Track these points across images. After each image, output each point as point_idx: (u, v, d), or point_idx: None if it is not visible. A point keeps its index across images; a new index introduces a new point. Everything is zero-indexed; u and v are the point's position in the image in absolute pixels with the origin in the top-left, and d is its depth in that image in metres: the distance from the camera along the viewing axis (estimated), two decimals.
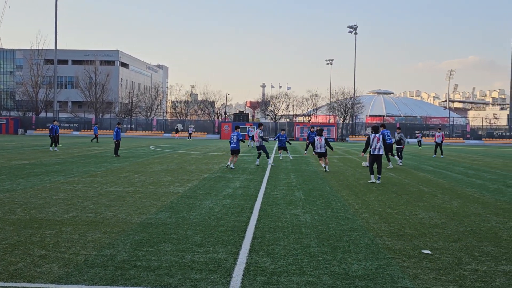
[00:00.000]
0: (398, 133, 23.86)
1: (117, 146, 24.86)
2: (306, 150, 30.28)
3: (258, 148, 21.32)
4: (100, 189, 12.32)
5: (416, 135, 50.13)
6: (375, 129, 15.60)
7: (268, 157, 21.82)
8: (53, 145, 29.03)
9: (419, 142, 46.89)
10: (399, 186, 14.38)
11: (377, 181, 15.13)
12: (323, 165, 19.18)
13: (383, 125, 19.97)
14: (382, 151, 15.51)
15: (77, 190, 12.04)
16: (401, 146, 23.40)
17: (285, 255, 6.44)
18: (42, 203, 10.07)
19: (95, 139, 43.83)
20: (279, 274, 5.67)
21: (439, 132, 30.76)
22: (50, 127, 29.69)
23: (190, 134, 62.56)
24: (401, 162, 22.68)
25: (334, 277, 5.59)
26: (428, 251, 6.80)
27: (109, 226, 7.95)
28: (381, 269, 5.95)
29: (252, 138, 37.67)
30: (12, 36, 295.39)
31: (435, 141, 30.79)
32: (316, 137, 19.30)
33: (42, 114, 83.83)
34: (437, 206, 10.78)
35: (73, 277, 5.39)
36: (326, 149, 19.10)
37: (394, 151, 22.72)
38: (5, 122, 72.55)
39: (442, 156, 29.87)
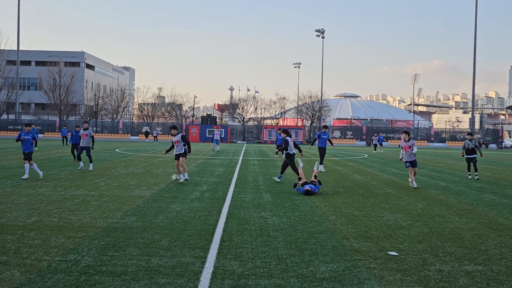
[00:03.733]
0: (470, 140, 18.64)
1: (72, 150, 23.03)
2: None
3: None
4: (64, 193, 12.05)
5: (373, 138, 47.62)
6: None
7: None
8: None
9: (376, 146, 45.55)
10: (366, 189, 14.56)
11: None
12: (175, 176, 15.46)
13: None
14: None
15: (40, 194, 11.74)
16: (474, 156, 18.42)
17: (253, 258, 6.42)
18: (3, 207, 9.78)
19: (65, 142, 42.96)
20: (247, 277, 5.64)
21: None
22: None
23: (155, 136, 61.94)
24: (474, 176, 18.48)
25: (301, 280, 5.60)
26: (394, 253, 6.89)
27: (73, 231, 7.77)
28: (348, 270, 6.00)
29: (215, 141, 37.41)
30: None
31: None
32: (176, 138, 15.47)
33: (4, 117, 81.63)
34: (402, 208, 10.96)
35: (36, 284, 5.24)
36: (185, 150, 15.42)
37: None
38: None
39: None
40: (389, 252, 6.90)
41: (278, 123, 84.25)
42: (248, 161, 26.55)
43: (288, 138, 15.84)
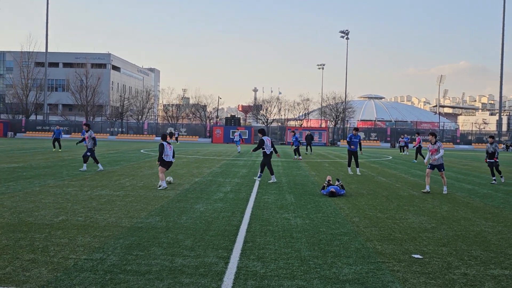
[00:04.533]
0: (491, 143, 18.08)
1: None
2: (299, 155, 30.20)
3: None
4: (90, 193, 12.25)
5: (400, 140, 44.69)
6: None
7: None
8: None
9: (402, 148, 43.05)
10: (390, 191, 14.43)
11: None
12: (169, 178, 14.76)
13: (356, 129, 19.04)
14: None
15: (67, 194, 11.96)
16: (495, 160, 17.89)
17: (276, 259, 6.43)
18: (31, 206, 10.00)
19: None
20: (270, 278, 5.66)
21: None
22: None
23: (176, 137, 62.27)
24: (500, 178, 18.16)
25: (324, 281, 5.60)
26: (418, 255, 6.82)
27: (99, 230, 7.90)
28: (372, 273, 5.97)
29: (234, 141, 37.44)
30: (2, 38, 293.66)
31: None
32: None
33: (32, 117, 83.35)
34: (427, 211, 10.83)
35: (62, 282, 5.35)
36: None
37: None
38: None
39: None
40: (413, 255, 6.84)
41: (301, 124, 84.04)
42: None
43: (264, 138, 16.33)
